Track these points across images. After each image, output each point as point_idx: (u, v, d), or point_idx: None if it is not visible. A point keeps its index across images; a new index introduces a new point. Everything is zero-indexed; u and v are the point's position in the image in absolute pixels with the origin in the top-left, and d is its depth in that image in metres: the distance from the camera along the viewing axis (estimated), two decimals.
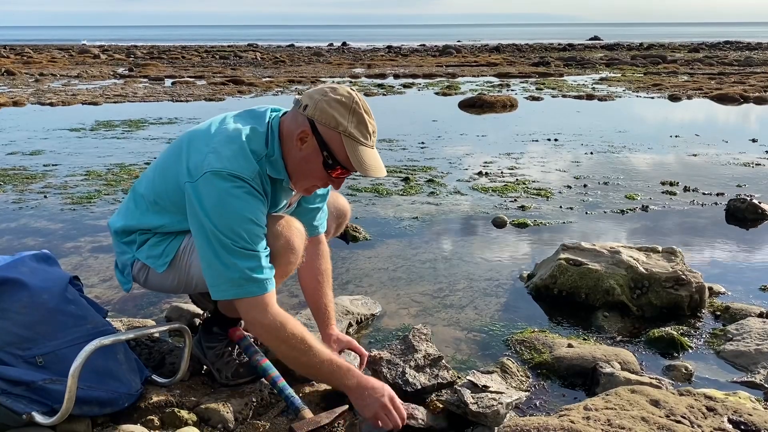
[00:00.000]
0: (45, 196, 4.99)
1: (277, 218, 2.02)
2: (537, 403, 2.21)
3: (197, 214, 1.88)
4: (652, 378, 2.24)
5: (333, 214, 2.51)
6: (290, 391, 2.07)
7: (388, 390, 1.94)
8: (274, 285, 1.93)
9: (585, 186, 5.41)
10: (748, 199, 4.51)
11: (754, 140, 7.65)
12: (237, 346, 2.21)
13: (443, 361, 2.25)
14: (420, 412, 2.00)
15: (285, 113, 2.04)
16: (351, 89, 1.95)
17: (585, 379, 2.34)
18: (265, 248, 1.91)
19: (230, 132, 1.96)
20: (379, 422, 1.90)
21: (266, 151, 1.96)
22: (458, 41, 53.25)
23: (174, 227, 2.06)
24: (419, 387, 2.12)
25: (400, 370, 2.18)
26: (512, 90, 14.23)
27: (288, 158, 1.98)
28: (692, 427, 1.69)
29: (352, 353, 2.30)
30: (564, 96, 13.02)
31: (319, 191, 2.28)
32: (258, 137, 1.96)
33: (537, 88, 14.62)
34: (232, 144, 1.92)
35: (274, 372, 2.10)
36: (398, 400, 1.95)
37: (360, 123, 1.91)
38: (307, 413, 1.98)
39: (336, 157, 1.92)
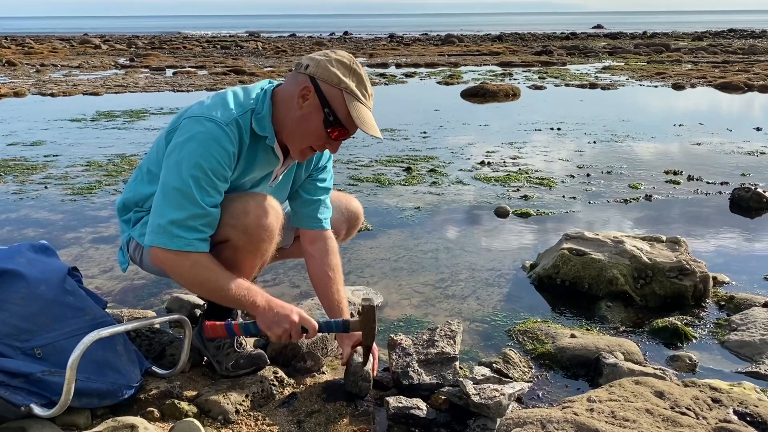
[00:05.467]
0: (45, 187, 4.98)
1: (252, 195, 2.00)
2: (540, 393, 2.19)
3: (167, 153, 1.92)
4: (656, 368, 2.22)
5: (344, 216, 2.48)
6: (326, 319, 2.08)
7: (296, 308, 1.96)
8: (200, 248, 1.87)
9: (588, 175, 5.37)
10: (753, 188, 4.47)
11: (758, 129, 7.59)
12: (236, 336, 2.18)
13: (457, 363, 2.17)
14: (421, 404, 1.99)
15: (280, 84, 2.07)
16: (350, 53, 2.01)
17: (588, 370, 2.32)
18: (212, 207, 1.88)
19: (220, 92, 2.04)
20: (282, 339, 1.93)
21: (254, 106, 1.98)
22: (460, 30, 53.03)
23: None
24: (415, 382, 2.09)
25: (407, 361, 2.16)
26: (515, 79, 14.16)
27: (286, 119, 1.98)
28: (697, 419, 1.67)
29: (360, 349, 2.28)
30: (567, 85, 12.95)
31: (321, 184, 2.26)
32: (247, 94, 2.02)
33: (540, 77, 14.54)
34: (216, 97, 2.00)
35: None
36: (306, 315, 1.95)
37: (360, 83, 1.95)
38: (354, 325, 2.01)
39: (336, 114, 1.93)
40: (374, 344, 2.10)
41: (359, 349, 2.14)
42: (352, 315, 2.17)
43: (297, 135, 2.00)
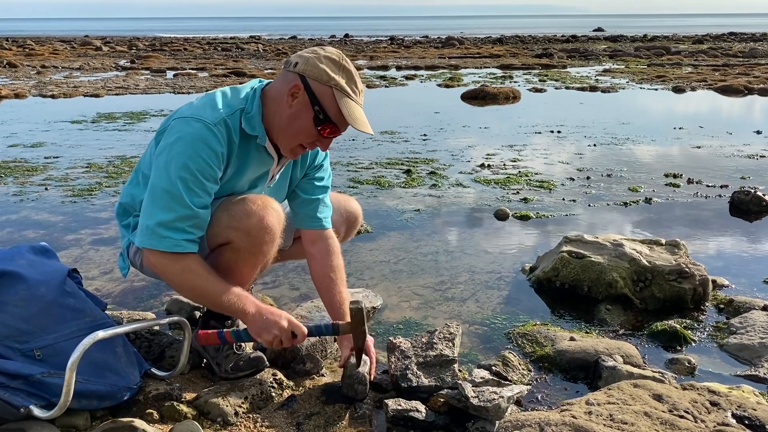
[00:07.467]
0: (46, 189, 4.98)
1: (253, 198, 2.01)
2: (539, 396, 2.20)
3: (156, 154, 1.93)
4: (655, 371, 2.22)
5: (343, 217, 2.48)
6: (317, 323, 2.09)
7: (285, 314, 1.95)
8: (188, 249, 1.88)
9: (588, 178, 5.38)
10: (753, 191, 4.47)
11: (758, 132, 7.60)
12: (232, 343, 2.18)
13: (456, 365, 2.17)
14: (420, 407, 1.99)
15: (270, 83, 2.07)
16: (338, 49, 2.00)
17: (587, 373, 2.32)
18: (200, 209, 1.89)
19: (209, 92, 2.05)
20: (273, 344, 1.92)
21: (243, 105, 1.99)
22: (461, 32, 53.08)
23: None
24: (414, 385, 2.09)
25: (406, 363, 2.16)
26: (515, 81, 14.17)
27: (276, 118, 1.99)
28: (695, 422, 1.67)
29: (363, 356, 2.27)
30: (567, 88, 12.96)
31: (318, 183, 2.26)
32: (236, 94, 2.02)
33: (540, 80, 14.55)
34: (205, 97, 2.02)
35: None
36: (296, 321, 1.94)
37: (350, 79, 1.95)
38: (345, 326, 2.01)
39: (327, 112, 1.93)
40: (371, 347, 2.10)
41: None
42: None
43: (287, 133, 2.00)
